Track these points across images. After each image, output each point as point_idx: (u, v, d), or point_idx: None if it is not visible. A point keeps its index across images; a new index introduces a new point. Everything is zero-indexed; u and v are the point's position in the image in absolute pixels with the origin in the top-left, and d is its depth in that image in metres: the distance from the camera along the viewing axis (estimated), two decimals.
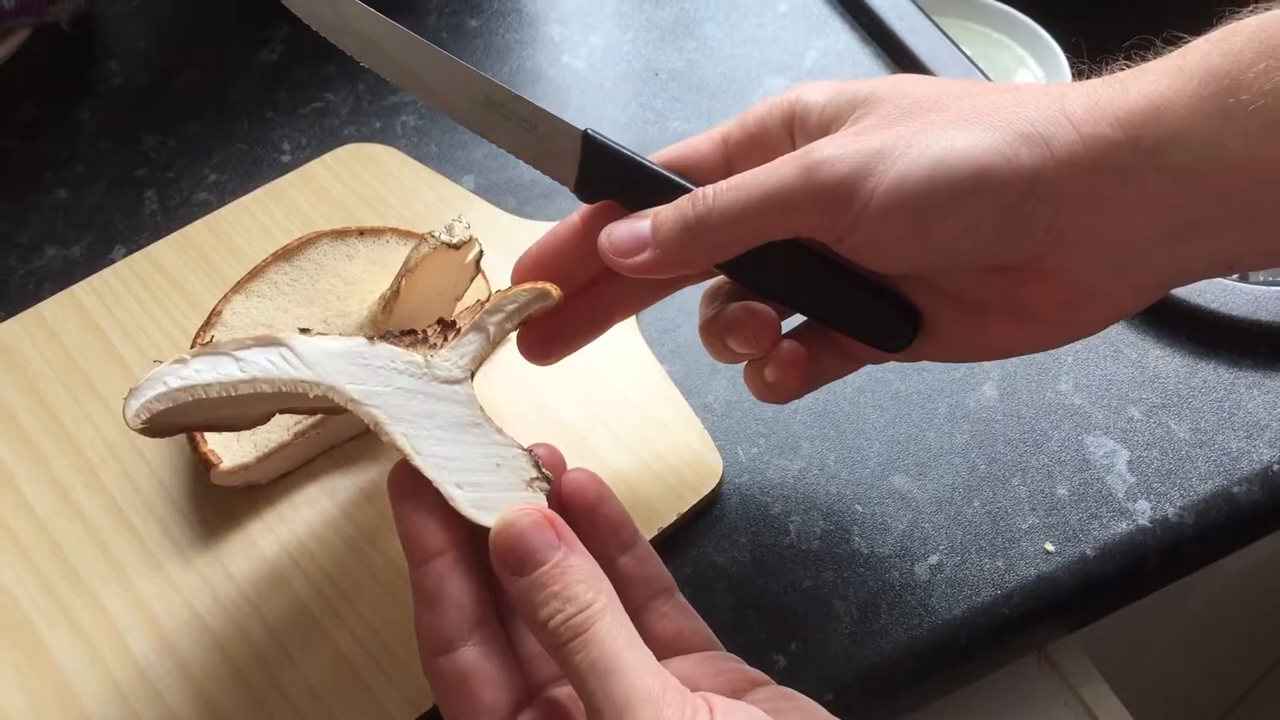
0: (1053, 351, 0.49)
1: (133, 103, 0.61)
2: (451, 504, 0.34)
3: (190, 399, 0.34)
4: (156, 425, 0.35)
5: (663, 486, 0.44)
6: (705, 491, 0.45)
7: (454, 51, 0.44)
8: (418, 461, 0.34)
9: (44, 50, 0.62)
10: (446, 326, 0.37)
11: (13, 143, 0.59)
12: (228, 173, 0.57)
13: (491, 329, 0.36)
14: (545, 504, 0.34)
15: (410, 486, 0.35)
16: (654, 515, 0.44)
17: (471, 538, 0.34)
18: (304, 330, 0.36)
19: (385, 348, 0.35)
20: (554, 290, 0.37)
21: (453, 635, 0.33)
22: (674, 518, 0.44)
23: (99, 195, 0.56)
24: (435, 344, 0.37)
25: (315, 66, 0.62)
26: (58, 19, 0.61)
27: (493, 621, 0.34)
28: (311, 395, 0.35)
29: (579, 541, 0.33)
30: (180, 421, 0.37)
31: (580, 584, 0.32)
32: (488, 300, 0.37)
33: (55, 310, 0.50)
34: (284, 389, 0.35)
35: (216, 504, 0.44)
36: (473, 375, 0.36)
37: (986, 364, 0.49)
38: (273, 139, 0.58)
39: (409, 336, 0.37)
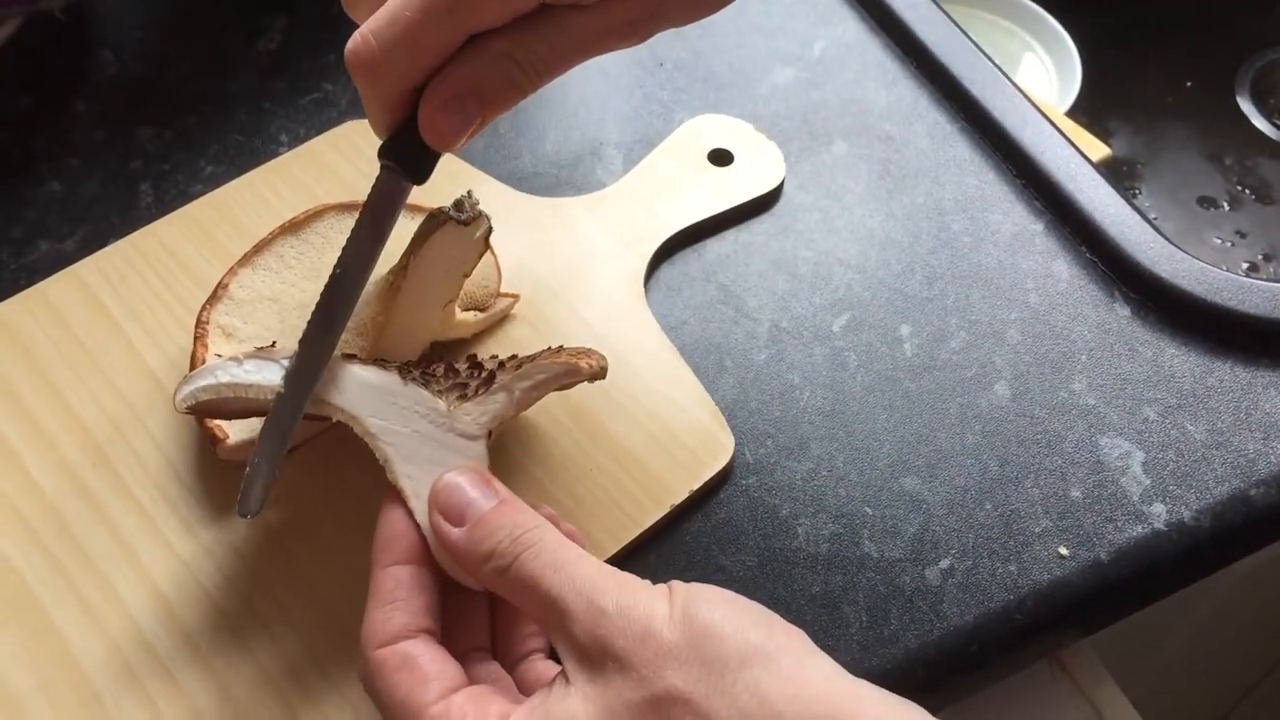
0: (1066, 350, 0.48)
1: (128, 94, 0.60)
2: (432, 550, 0.36)
3: (233, 395, 0.37)
4: (199, 409, 0.38)
5: (674, 463, 0.44)
6: (718, 467, 0.44)
7: None
8: (413, 504, 0.36)
9: (37, 40, 0.61)
10: (487, 378, 0.38)
11: (5, 135, 0.58)
12: (224, 165, 0.56)
13: (518, 394, 0.38)
14: None
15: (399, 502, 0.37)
16: (666, 491, 0.44)
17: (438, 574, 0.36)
18: (349, 356, 0.38)
19: (414, 390, 0.37)
20: (584, 365, 0.38)
21: (400, 631, 0.34)
22: (686, 494, 0.44)
23: (93, 188, 0.55)
24: (467, 384, 0.38)
25: (314, 56, 0.60)
26: (51, 8, 0.60)
27: (438, 634, 0.35)
28: (335, 419, 0.37)
29: (514, 495, 0.35)
30: (224, 409, 0.39)
31: (520, 514, 0.34)
32: (521, 364, 0.38)
33: (58, 289, 0.50)
34: (312, 409, 0.37)
35: (223, 479, 0.44)
36: (490, 435, 0.37)
37: (998, 362, 0.48)
38: (270, 130, 0.57)
39: (451, 375, 0.38)
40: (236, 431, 0.43)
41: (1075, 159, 0.54)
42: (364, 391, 0.37)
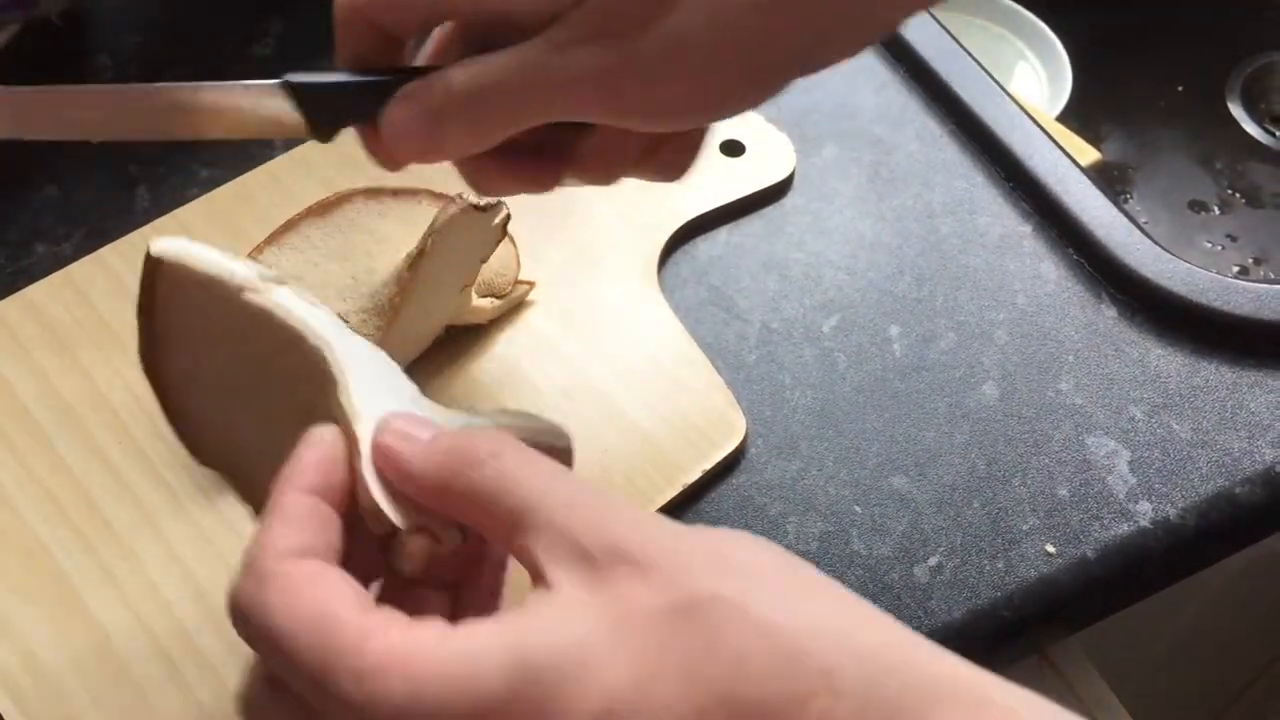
0: (1053, 351, 0.49)
1: None
2: (361, 490, 0.29)
3: (216, 293, 0.33)
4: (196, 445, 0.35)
5: (686, 444, 0.45)
6: (729, 448, 0.45)
7: None
8: (360, 431, 0.29)
9: (34, 45, 0.61)
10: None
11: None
12: (220, 169, 0.56)
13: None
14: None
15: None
16: (679, 471, 0.45)
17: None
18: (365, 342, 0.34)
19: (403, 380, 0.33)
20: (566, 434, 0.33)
21: (309, 546, 0.27)
22: (699, 473, 0.45)
23: (90, 192, 0.56)
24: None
25: (309, 61, 0.61)
26: (48, 13, 0.60)
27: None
28: (310, 360, 0.31)
29: None
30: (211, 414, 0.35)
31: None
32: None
33: (85, 272, 0.51)
34: (289, 337, 0.32)
35: None
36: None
37: (986, 363, 0.49)
38: None
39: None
40: None
41: (1063, 162, 0.54)
42: (339, 335, 0.32)
